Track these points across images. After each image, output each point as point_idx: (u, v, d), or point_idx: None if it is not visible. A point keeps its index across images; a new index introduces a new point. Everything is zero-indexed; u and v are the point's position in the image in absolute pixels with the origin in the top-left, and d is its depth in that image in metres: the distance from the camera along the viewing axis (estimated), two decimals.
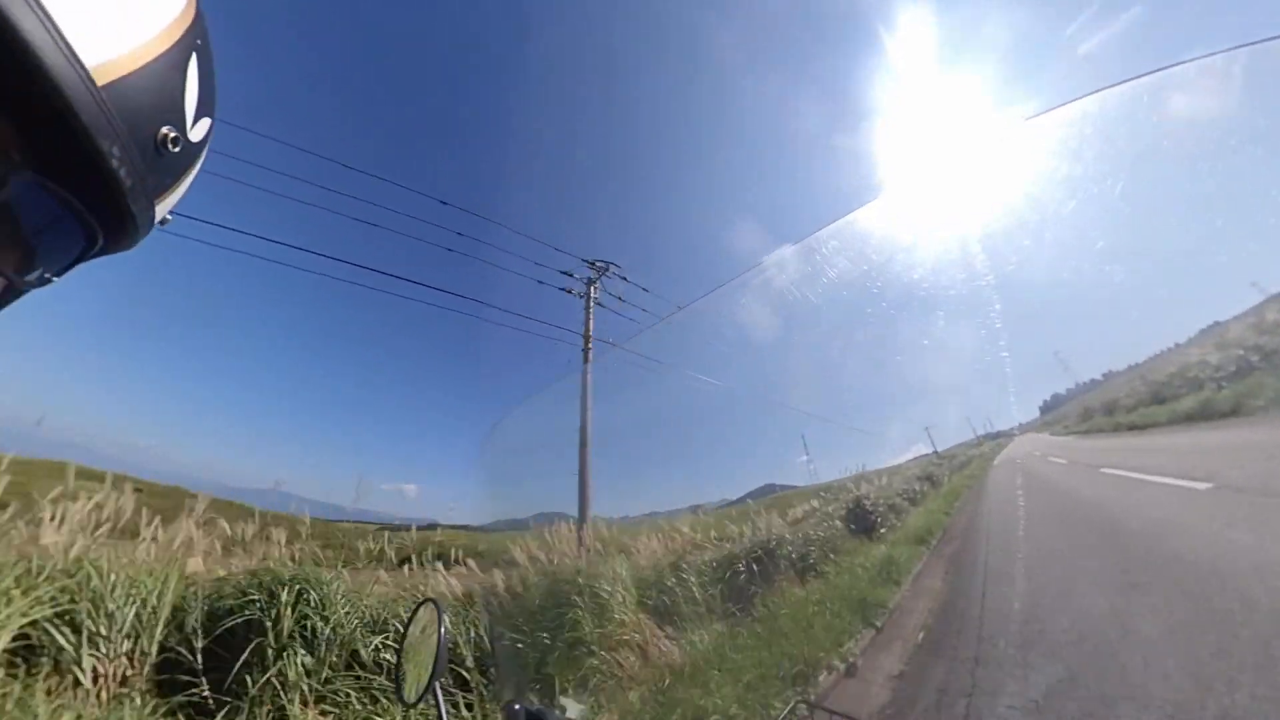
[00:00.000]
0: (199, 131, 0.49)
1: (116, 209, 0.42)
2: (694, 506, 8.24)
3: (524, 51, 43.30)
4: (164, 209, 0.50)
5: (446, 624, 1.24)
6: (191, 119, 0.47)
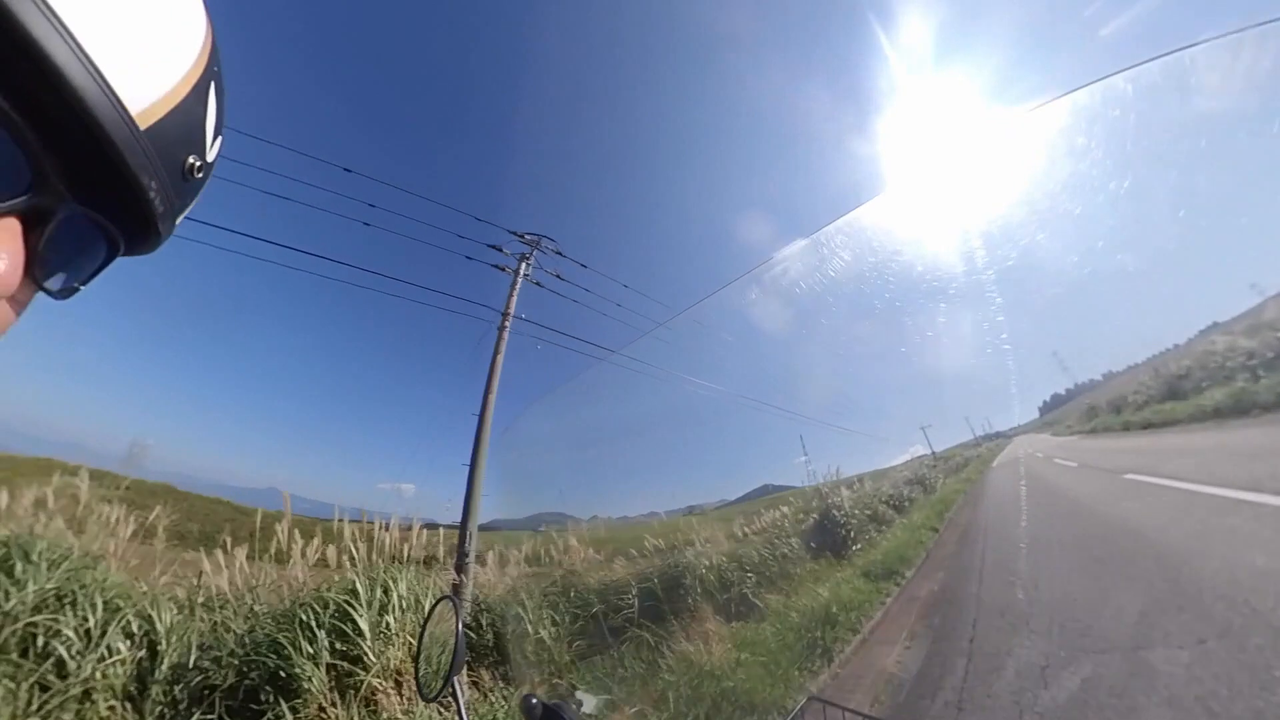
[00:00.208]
0: (214, 150, 0.52)
1: (146, 229, 0.47)
2: (690, 507, 8.09)
3: (521, 52, 42.30)
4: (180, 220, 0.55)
5: (463, 619, 1.22)
6: (210, 142, 0.51)
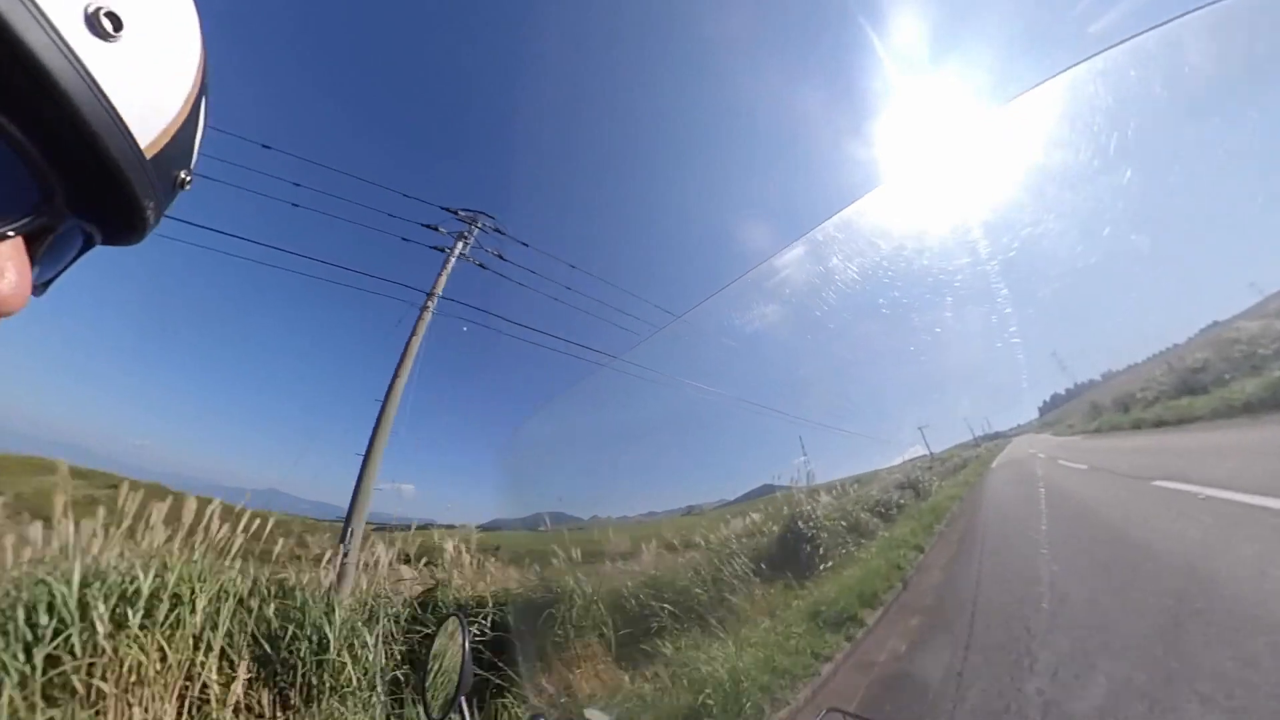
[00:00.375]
0: (196, 156, 0.55)
1: (130, 235, 0.49)
2: (688, 508, 8.07)
3: (519, 53, 41.37)
4: None
5: (471, 637, 1.09)
6: (197, 152, 0.53)
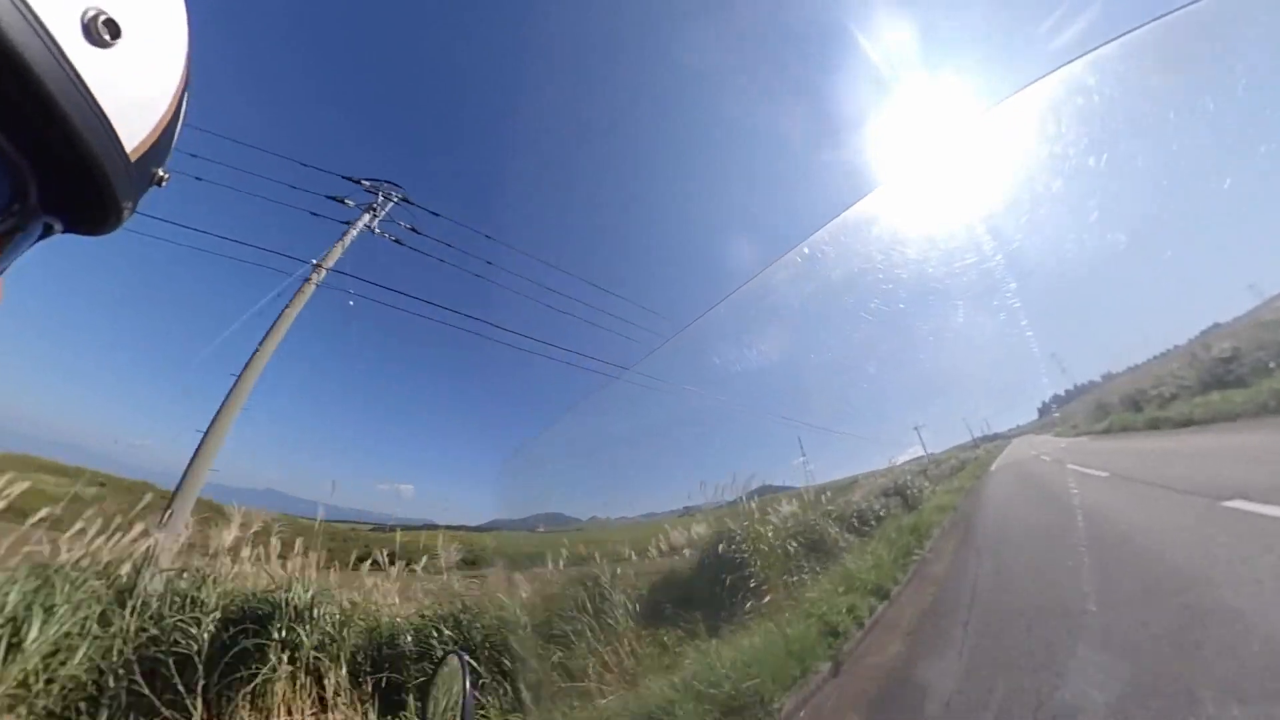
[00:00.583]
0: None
1: (104, 229, 0.49)
2: (687, 508, 8.10)
3: (517, 56, 40.25)
4: None
5: (471, 678, 1.18)
6: (173, 148, 0.53)
